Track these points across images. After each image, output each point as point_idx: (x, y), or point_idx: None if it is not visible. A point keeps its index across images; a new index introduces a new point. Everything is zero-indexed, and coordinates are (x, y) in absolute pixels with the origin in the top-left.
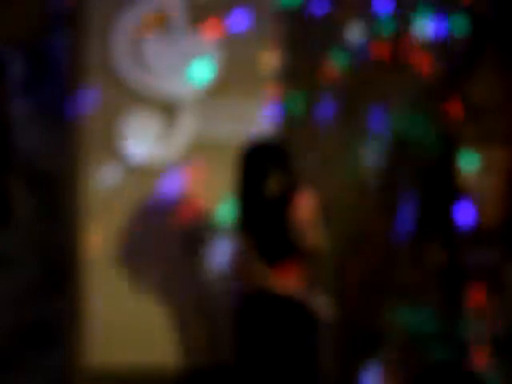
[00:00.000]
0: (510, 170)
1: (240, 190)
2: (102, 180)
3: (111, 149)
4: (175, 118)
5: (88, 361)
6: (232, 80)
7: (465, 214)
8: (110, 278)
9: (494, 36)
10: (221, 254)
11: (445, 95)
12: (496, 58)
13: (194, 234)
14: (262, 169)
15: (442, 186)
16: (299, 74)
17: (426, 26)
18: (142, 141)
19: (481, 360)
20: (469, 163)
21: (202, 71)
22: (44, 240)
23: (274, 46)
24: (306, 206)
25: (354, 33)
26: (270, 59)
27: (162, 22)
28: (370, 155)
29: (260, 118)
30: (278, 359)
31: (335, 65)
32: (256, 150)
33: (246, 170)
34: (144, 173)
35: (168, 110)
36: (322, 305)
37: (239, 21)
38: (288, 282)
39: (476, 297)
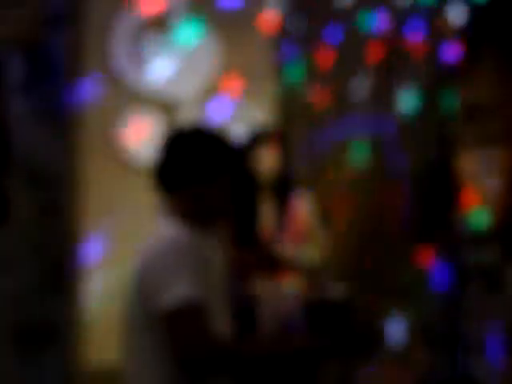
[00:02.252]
0: (510, 170)
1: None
2: (102, 180)
3: (111, 149)
4: (175, 118)
5: (87, 360)
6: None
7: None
8: (110, 277)
9: (494, 36)
10: None
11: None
12: (496, 58)
13: None
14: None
15: (442, 186)
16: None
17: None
18: (141, 141)
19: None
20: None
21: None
22: (44, 240)
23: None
24: (303, 212)
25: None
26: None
27: (162, 22)
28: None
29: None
30: None
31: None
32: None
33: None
34: (144, 173)
35: (168, 110)
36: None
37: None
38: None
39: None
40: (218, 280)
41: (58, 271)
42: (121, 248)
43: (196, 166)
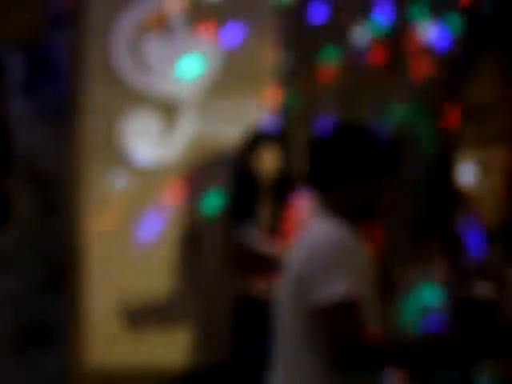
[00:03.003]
0: (510, 170)
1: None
2: (102, 180)
3: (111, 149)
4: (175, 118)
5: (87, 360)
6: (231, 80)
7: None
8: (110, 277)
9: (494, 36)
10: None
11: (444, 96)
12: (496, 58)
13: (193, 233)
14: None
15: (441, 187)
16: (298, 72)
17: (424, 28)
18: (141, 141)
19: None
20: None
21: (192, 67)
22: (44, 240)
23: (274, 45)
24: (303, 212)
25: (354, 34)
26: (270, 58)
27: (162, 22)
28: None
29: (259, 118)
30: None
31: (330, 64)
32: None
33: None
34: (144, 172)
35: (168, 110)
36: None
37: (234, 33)
38: None
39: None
40: (370, 278)
41: (58, 271)
42: (120, 247)
43: (353, 164)
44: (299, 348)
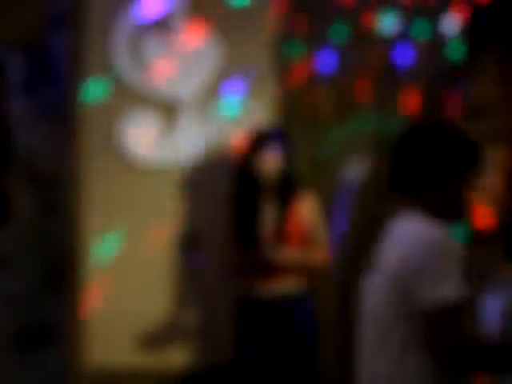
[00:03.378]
0: (510, 170)
1: None
2: (102, 180)
3: (111, 149)
4: (175, 118)
5: (87, 361)
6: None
7: None
8: (110, 277)
9: (494, 36)
10: None
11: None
12: (496, 58)
13: (190, 233)
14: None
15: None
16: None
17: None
18: (141, 141)
19: None
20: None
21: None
22: (44, 240)
23: (274, 44)
24: (305, 212)
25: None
26: (270, 58)
27: (162, 22)
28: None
29: (260, 118)
30: None
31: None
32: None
33: None
34: (144, 173)
35: (168, 110)
36: None
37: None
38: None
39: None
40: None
41: (58, 271)
42: (120, 248)
43: (440, 164)
44: (394, 347)
